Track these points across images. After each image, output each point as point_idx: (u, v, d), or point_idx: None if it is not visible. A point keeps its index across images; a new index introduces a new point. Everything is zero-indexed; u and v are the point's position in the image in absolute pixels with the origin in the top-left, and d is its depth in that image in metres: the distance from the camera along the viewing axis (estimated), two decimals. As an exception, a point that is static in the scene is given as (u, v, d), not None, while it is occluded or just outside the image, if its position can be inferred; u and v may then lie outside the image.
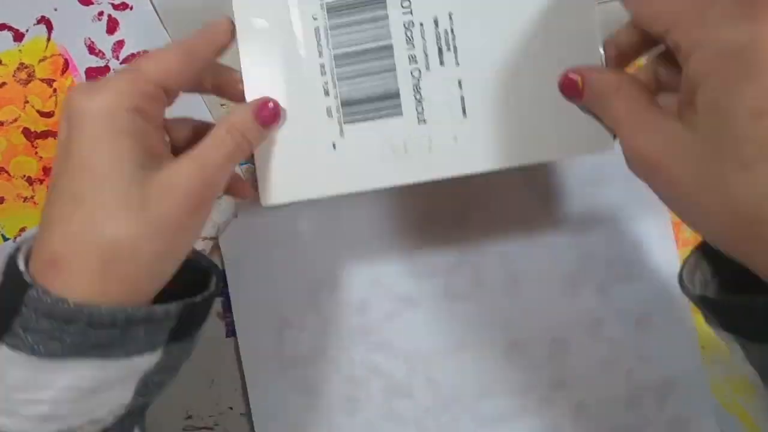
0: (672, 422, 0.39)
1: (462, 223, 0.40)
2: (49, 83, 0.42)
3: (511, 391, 0.40)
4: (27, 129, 0.42)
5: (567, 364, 0.40)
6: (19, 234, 0.41)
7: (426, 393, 0.40)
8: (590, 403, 0.39)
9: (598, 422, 0.39)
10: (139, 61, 0.26)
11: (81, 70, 0.42)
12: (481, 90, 0.29)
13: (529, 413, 0.40)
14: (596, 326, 0.40)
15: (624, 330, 0.40)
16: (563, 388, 0.40)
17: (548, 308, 0.40)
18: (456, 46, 0.29)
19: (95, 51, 0.43)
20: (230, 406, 0.40)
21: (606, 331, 0.40)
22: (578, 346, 0.40)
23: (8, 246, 0.41)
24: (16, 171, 0.42)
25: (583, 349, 0.40)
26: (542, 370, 0.40)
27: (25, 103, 0.42)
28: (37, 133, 0.42)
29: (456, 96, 0.29)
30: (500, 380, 0.40)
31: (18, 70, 0.42)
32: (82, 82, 0.32)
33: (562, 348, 0.40)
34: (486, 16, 0.29)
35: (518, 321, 0.40)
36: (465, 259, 0.40)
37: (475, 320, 0.40)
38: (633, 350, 0.39)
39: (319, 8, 0.29)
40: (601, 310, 0.40)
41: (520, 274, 0.40)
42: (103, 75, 0.42)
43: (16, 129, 0.42)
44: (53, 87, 0.42)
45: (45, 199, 0.24)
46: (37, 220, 0.41)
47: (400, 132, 0.29)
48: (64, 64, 0.42)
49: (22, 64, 0.42)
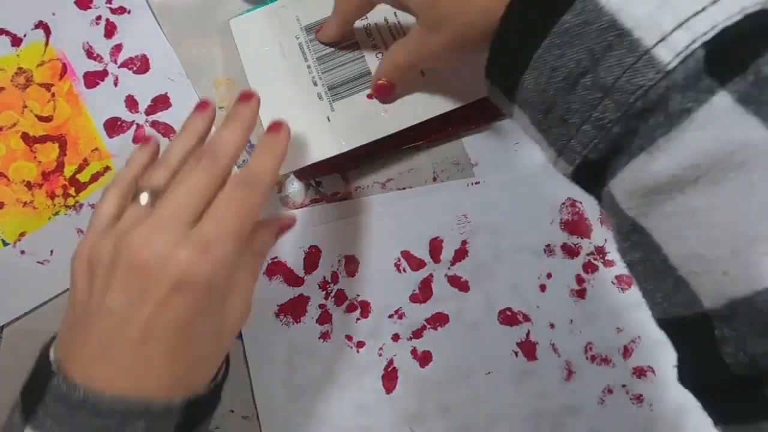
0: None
1: (473, 250, 0.40)
2: (47, 88, 0.42)
3: (523, 418, 0.39)
4: (26, 134, 0.42)
5: (580, 389, 0.39)
6: (19, 239, 0.41)
7: (438, 420, 0.39)
8: (603, 429, 0.39)
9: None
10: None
11: (79, 74, 0.42)
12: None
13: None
14: (609, 352, 0.40)
15: (638, 356, 0.39)
16: (576, 414, 0.39)
17: (561, 334, 0.40)
18: (403, 28, 0.39)
19: (93, 55, 0.43)
20: (231, 410, 0.40)
21: (619, 357, 0.39)
22: (591, 372, 0.39)
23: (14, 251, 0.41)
24: (15, 176, 0.42)
25: (596, 375, 0.39)
26: (555, 395, 0.39)
27: (23, 108, 0.42)
28: (35, 137, 0.42)
29: None
30: (512, 406, 0.39)
31: (16, 75, 0.42)
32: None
33: (576, 374, 0.40)
34: None
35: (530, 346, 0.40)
36: (477, 285, 0.40)
37: (487, 346, 0.40)
38: (647, 376, 0.39)
39: (299, 30, 0.40)
40: (615, 337, 0.40)
41: (532, 300, 0.40)
42: (102, 79, 0.42)
43: (15, 134, 0.42)
44: (51, 91, 0.42)
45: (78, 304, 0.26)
46: (36, 224, 0.41)
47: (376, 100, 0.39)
48: (62, 68, 0.42)
49: (20, 68, 0.42)
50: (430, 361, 0.40)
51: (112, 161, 0.42)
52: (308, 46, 0.39)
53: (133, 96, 0.42)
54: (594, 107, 0.21)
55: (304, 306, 0.41)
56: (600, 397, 0.39)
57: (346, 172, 0.42)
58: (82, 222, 0.41)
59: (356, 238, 0.41)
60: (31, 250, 0.41)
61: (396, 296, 0.40)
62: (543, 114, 0.24)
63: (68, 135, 0.42)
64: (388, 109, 0.38)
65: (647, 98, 0.20)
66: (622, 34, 0.20)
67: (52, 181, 0.42)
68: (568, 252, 0.40)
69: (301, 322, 0.40)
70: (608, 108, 0.21)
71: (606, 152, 0.22)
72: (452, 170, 0.41)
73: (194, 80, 0.42)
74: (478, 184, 0.41)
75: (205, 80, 0.42)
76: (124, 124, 0.42)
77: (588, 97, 0.21)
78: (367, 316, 0.40)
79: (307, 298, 0.41)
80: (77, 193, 0.42)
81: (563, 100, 0.22)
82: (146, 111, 0.42)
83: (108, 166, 0.42)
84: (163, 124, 0.42)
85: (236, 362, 0.40)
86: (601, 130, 0.21)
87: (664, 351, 0.38)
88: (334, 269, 0.41)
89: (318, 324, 0.40)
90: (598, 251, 0.40)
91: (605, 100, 0.21)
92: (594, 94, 0.21)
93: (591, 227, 0.40)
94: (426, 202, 0.41)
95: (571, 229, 0.40)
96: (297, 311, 0.41)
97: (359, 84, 0.39)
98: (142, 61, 0.42)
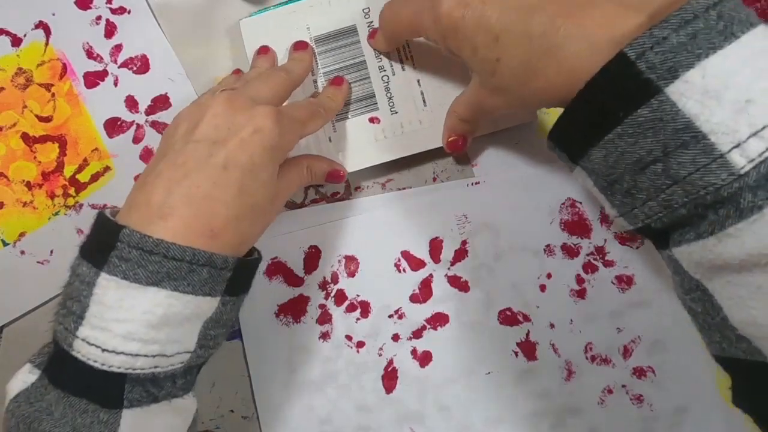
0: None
1: (472, 249, 0.40)
2: (47, 88, 0.42)
3: (523, 417, 0.39)
4: (26, 134, 0.42)
5: (580, 389, 0.39)
6: (19, 239, 0.41)
7: (438, 420, 0.40)
8: (603, 429, 0.39)
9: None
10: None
11: (79, 74, 0.42)
12: (435, 85, 0.39)
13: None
14: (609, 352, 0.40)
15: (637, 356, 0.39)
16: (576, 415, 0.39)
17: (561, 334, 0.40)
18: (412, 55, 0.39)
19: (93, 55, 0.43)
20: (231, 409, 0.40)
21: (619, 357, 0.39)
22: (591, 372, 0.39)
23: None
24: (15, 176, 0.42)
25: (596, 375, 0.39)
26: (555, 395, 0.39)
27: (23, 108, 0.42)
28: (35, 137, 0.42)
29: (417, 91, 0.39)
30: (512, 406, 0.40)
31: (16, 75, 0.42)
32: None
33: (576, 374, 0.40)
34: None
35: (530, 346, 0.40)
36: (477, 285, 0.40)
37: (487, 346, 0.40)
38: (647, 376, 0.39)
39: (309, 40, 0.39)
40: (615, 337, 0.40)
41: (532, 300, 0.40)
42: (102, 79, 0.42)
43: (15, 134, 0.42)
44: (51, 91, 0.42)
45: (151, 166, 0.30)
46: (36, 224, 0.41)
47: (379, 123, 0.39)
48: (62, 68, 0.42)
49: (20, 68, 0.42)
50: (430, 361, 0.40)
51: (112, 161, 0.42)
52: (316, 59, 0.39)
53: (133, 96, 0.42)
54: (662, 190, 0.22)
55: (304, 306, 0.41)
56: (600, 397, 0.39)
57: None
58: (82, 222, 0.41)
59: (356, 238, 0.41)
60: (31, 250, 0.41)
61: (396, 296, 0.40)
62: (609, 183, 0.25)
63: (68, 135, 0.42)
64: (388, 135, 0.39)
65: (718, 194, 0.21)
66: (697, 137, 0.21)
67: (52, 181, 0.42)
68: (568, 252, 0.40)
69: (301, 322, 0.40)
70: (676, 193, 0.22)
71: (670, 225, 0.23)
72: (452, 170, 0.41)
73: (194, 80, 0.42)
74: (478, 184, 0.41)
75: (205, 80, 0.42)
76: (124, 124, 0.42)
77: (657, 182, 0.22)
78: (367, 316, 0.40)
79: (307, 298, 0.41)
80: (77, 193, 0.42)
81: (630, 178, 0.23)
82: (146, 111, 0.42)
83: (108, 166, 0.42)
84: (163, 124, 0.42)
85: (236, 362, 0.40)
86: (666, 208, 0.22)
87: (664, 351, 0.38)
88: (334, 269, 0.41)
89: (318, 324, 0.40)
90: (598, 251, 0.40)
91: (674, 186, 0.22)
92: (663, 180, 0.22)
93: (591, 227, 0.40)
94: (426, 202, 0.41)
95: (571, 229, 0.40)
96: (297, 311, 0.41)
97: (363, 107, 0.39)
98: (142, 61, 0.42)
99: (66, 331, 0.27)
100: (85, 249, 0.28)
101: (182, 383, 0.30)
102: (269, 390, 0.40)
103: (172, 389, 0.29)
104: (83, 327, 0.27)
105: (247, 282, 0.32)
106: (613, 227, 0.26)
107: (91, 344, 0.26)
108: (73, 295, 0.27)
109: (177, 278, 0.27)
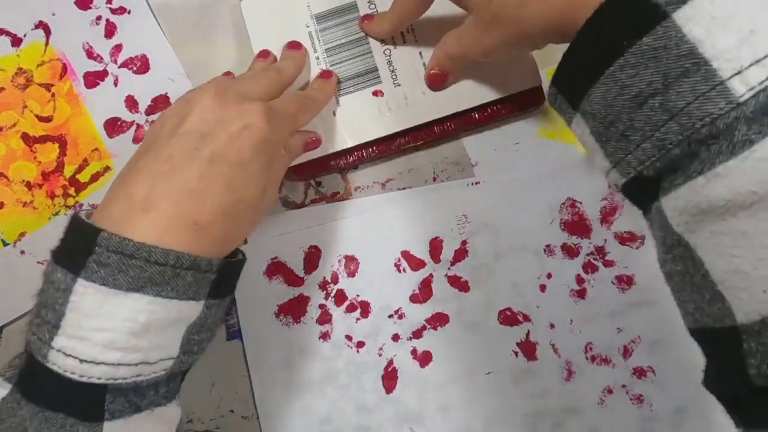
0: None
1: (473, 251, 0.40)
2: (47, 88, 0.42)
3: (523, 417, 0.39)
4: (26, 134, 0.42)
5: (580, 389, 0.39)
6: (19, 239, 0.41)
7: (438, 420, 0.40)
8: (603, 429, 0.39)
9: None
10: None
11: (79, 75, 0.42)
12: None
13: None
14: (609, 352, 0.40)
15: (637, 356, 0.39)
16: (576, 415, 0.39)
17: (561, 334, 0.40)
18: (413, 27, 0.39)
19: (93, 55, 0.43)
20: (231, 410, 0.40)
21: (619, 357, 0.39)
22: (591, 372, 0.39)
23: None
24: (15, 176, 0.42)
25: (596, 375, 0.39)
26: (555, 395, 0.39)
27: (23, 108, 0.42)
28: (35, 137, 0.42)
29: (419, 63, 0.39)
30: (512, 406, 0.39)
31: (16, 75, 0.42)
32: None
33: (576, 374, 0.40)
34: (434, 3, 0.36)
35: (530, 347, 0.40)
36: (477, 285, 0.40)
37: (487, 346, 0.40)
38: (647, 376, 0.39)
39: (309, 18, 0.40)
40: (615, 337, 0.40)
41: (532, 300, 0.40)
42: (102, 79, 0.42)
43: (15, 134, 0.42)
44: (51, 92, 0.42)
45: (133, 161, 0.29)
46: (36, 224, 0.41)
47: (382, 95, 0.40)
48: (62, 68, 0.42)
49: (20, 69, 0.42)
50: (430, 361, 0.40)
51: (112, 161, 0.42)
52: (318, 36, 0.39)
53: (133, 96, 0.42)
54: (657, 128, 0.22)
55: (304, 306, 0.41)
56: (600, 397, 0.39)
57: (346, 172, 0.42)
58: (82, 222, 0.41)
59: (356, 238, 0.41)
60: (31, 250, 0.41)
61: (396, 296, 0.40)
62: (605, 127, 0.24)
63: (68, 135, 0.42)
64: (393, 107, 0.39)
65: (714, 126, 0.20)
66: (699, 63, 0.21)
67: (52, 181, 0.42)
68: (568, 252, 0.40)
69: (301, 322, 0.40)
70: (672, 130, 0.22)
71: (662, 170, 0.23)
72: (452, 170, 0.41)
73: (194, 80, 0.42)
74: (478, 184, 0.41)
75: (205, 80, 0.42)
76: (124, 125, 0.42)
77: (653, 118, 0.22)
78: (367, 316, 0.40)
79: (307, 298, 0.41)
80: (77, 193, 0.42)
81: (627, 117, 0.23)
82: (146, 111, 0.42)
83: (108, 166, 0.42)
84: (163, 124, 0.42)
85: (236, 362, 0.40)
86: (660, 149, 0.22)
87: (664, 351, 0.38)
88: (334, 269, 0.41)
89: (318, 324, 0.40)
90: (598, 251, 0.40)
91: (670, 122, 0.22)
92: (660, 115, 0.22)
93: (591, 227, 0.40)
94: (426, 202, 0.41)
95: (571, 229, 0.40)
96: (297, 311, 0.41)
97: (366, 80, 0.39)
98: (142, 61, 0.42)
99: (40, 341, 0.25)
100: (59, 254, 0.27)
101: (165, 391, 0.29)
102: (269, 390, 0.40)
103: (155, 398, 0.28)
104: (59, 337, 0.25)
105: (231, 284, 0.31)
106: (608, 180, 0.26)
107: (68, 355, 0.25)
108: (47, 303, 0.26)
109: (160, 283, 0.26)
